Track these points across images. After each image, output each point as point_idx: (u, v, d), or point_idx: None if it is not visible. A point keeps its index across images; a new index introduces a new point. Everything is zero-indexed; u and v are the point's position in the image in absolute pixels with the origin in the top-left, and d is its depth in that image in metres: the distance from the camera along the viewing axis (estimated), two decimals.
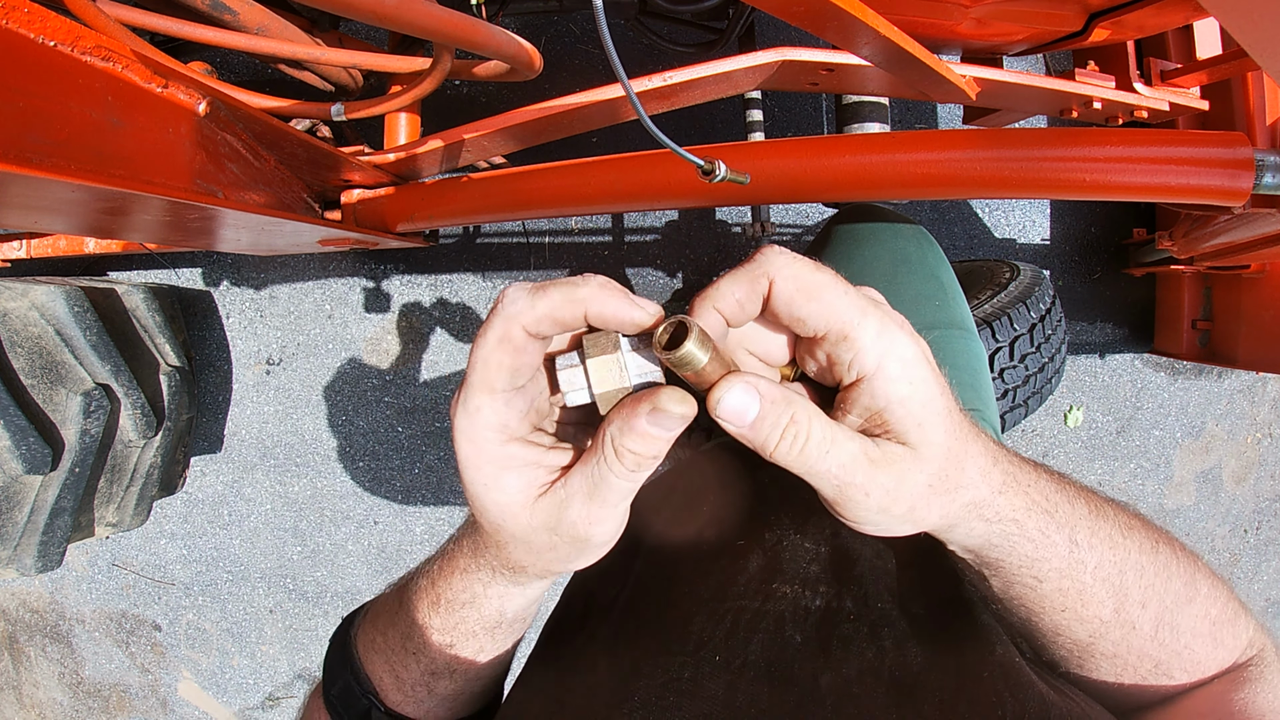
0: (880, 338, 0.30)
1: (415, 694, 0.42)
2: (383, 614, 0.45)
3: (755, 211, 1.40)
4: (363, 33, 1.47)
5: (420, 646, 0.41)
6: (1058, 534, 0.35)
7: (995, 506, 0.34)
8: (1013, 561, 0.36)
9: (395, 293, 1.80)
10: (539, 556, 0.34)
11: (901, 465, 0.31)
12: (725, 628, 0.40)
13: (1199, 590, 0.39)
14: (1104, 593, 0.36)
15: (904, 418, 0.30)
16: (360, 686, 0.43)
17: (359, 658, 0.44)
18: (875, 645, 0.37)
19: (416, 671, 0.42)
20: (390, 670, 0.42)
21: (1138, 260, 1.71)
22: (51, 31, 0.51)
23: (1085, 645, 0.39)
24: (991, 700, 0.33)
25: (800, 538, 0.47)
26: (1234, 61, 0.95)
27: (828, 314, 0.30)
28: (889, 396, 0.30)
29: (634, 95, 0.38)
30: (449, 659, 0.41)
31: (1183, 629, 0.39)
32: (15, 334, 1.32)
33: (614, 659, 0.40)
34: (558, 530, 0.32)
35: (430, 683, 0.42)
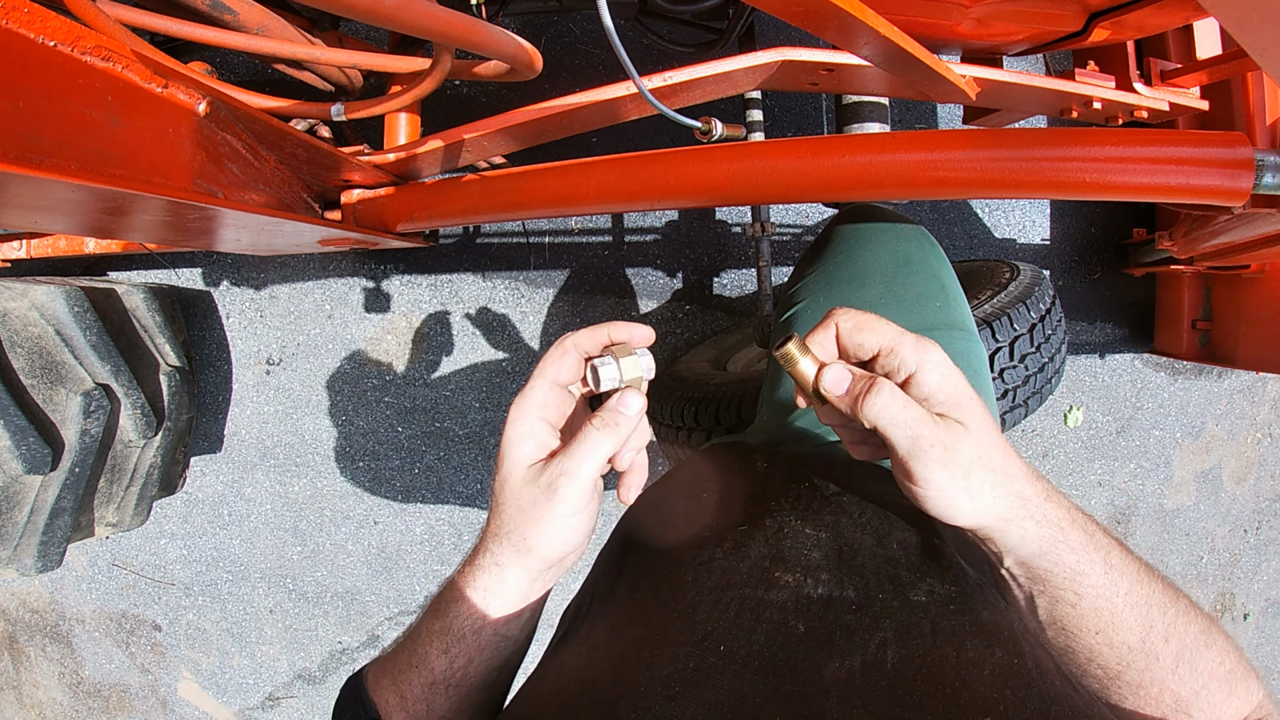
0: (917, 348, 0.41)
1: (416, 711, 0.45)
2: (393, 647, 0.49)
3: (755, 211, 1.40)
4: (363, 33, 1.47)
5: (421, 659, 0.45)
6: (1095, 553, 0.41)
7: (1043, 509, 0.41)
8: (1059, 573, 0.41)
9: (395, 293, 1.80)
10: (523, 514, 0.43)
11: (955, 431, 0.40)
12: (730, 618, 0.40)
13: (1215, 640, 0.43)
14: (1134, 619, 0.41)
15: (945, 400, 0.40)
16: (367, 715, 0.45)
17: (368, 686, 0.47)
18: (877, 636, 0.38)
19: (418, 685, 0.45)
20: (395, 690, 0.45)
21: (1138, 260, 1.71)
22: (51, 31, 0.51)
23: (1114, 672, 0.43)
24: (992, 696, 0.34)
25: (801, 524, 0.48)
26: (1234, 61, 0.95)
27: (877, 338, 0.42)
28: (929, 385, 0.41)
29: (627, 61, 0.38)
30: (444, 666, 0.44)
31: (1201, 669, 0.42)
32: (15, 334, 1.32)
33: (617, 649, 0.41)
34: (539, 481, 0.43)
35: (430, 698, 0.44)
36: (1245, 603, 2.12)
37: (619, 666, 0.38)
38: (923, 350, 0.41)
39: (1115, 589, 0.41)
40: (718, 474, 0.58)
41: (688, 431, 1.23)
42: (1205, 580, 2.07)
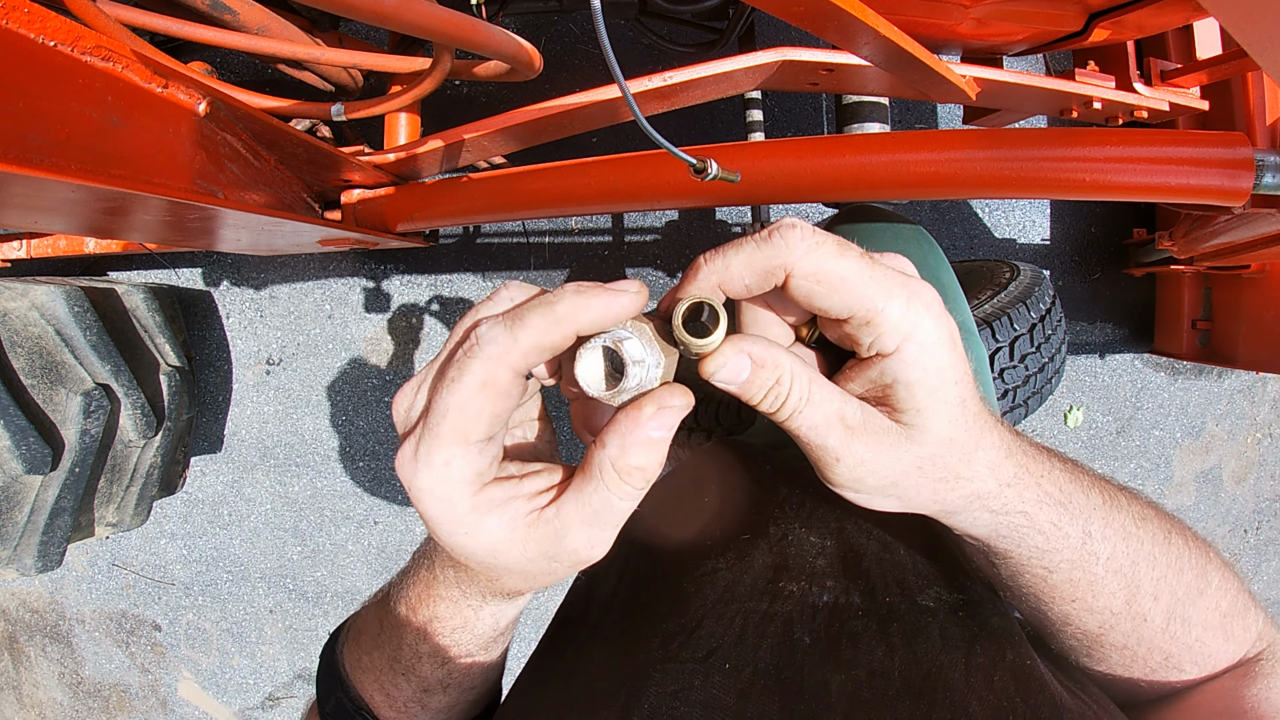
0: (904, 321, 0.29)
1: (409, 710, 0.42)
2: (365, 634, 0.43)
3: (755, 211, 1.40)
4: (363, 33, 1.47)
5: (409, 667, 0.40)
6: (1070, 526, 0.35)
7: (1002, 499, 0.34)
8: (1021, 553, 0.36)
9: (395, 293, 1.80)
10: (536, 580, 0.33)
11: (884, 440, 0.31)
12: (734, 633, 0.39)
13: (1210, 582, 0.39)
14: (1116, 585, 0.36)
15: (906, 399, 0.30)
16: (352, 704, 0.42)
17: (348, 677, 0.43)
18: (884, 642, 0.37)
19: (408, 690, 0.41)
20: (381, 689, 0.41)
21: (1138, 260, 1.71)
22: (51, 31, 0.51)
23: (1095, 636, 0.39)
24: (1003, 704, 0.33)
25: (806, 531, 0.46)
26: (1234, 61, 0.95)
27: (851, 303, 0.29)
28: (898, 376, 0.30)
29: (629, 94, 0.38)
30: (441, 677, 0.40)
31: (1194, 621, 0.38)
32: (15, 334, 1.32)
33: (620, 663, 0.40)
34: (556, 558, 0.31)
35: (423, 699, 0.41)
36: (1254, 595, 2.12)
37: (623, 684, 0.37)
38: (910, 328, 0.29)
39: (1093, 558, 0.36)
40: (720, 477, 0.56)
41: (687, 432, 1.23)
42: None
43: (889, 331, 0.29)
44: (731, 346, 0.30)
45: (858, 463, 0.31)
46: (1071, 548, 0.35)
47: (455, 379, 0.27)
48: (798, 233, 0.29)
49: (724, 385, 0.31)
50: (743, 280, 0.30)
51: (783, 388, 0.30)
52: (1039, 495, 0.35)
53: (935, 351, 0.30)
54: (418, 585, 0.39)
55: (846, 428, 0.31)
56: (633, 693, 0.36)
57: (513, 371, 0.27)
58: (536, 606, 1.75)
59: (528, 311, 0.27)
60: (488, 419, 0.28)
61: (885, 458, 0.31)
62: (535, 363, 0.28)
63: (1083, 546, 0.35)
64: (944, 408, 0.31)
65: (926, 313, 0.29)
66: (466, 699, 0.44)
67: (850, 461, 0.31)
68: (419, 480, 0.28)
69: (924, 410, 0.30)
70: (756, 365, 0.30)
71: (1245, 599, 0.41)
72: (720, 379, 0.30)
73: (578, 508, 0.29)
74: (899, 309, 0.29)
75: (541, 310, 0.27)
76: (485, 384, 0.27)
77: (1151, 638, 0.38)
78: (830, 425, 0.31)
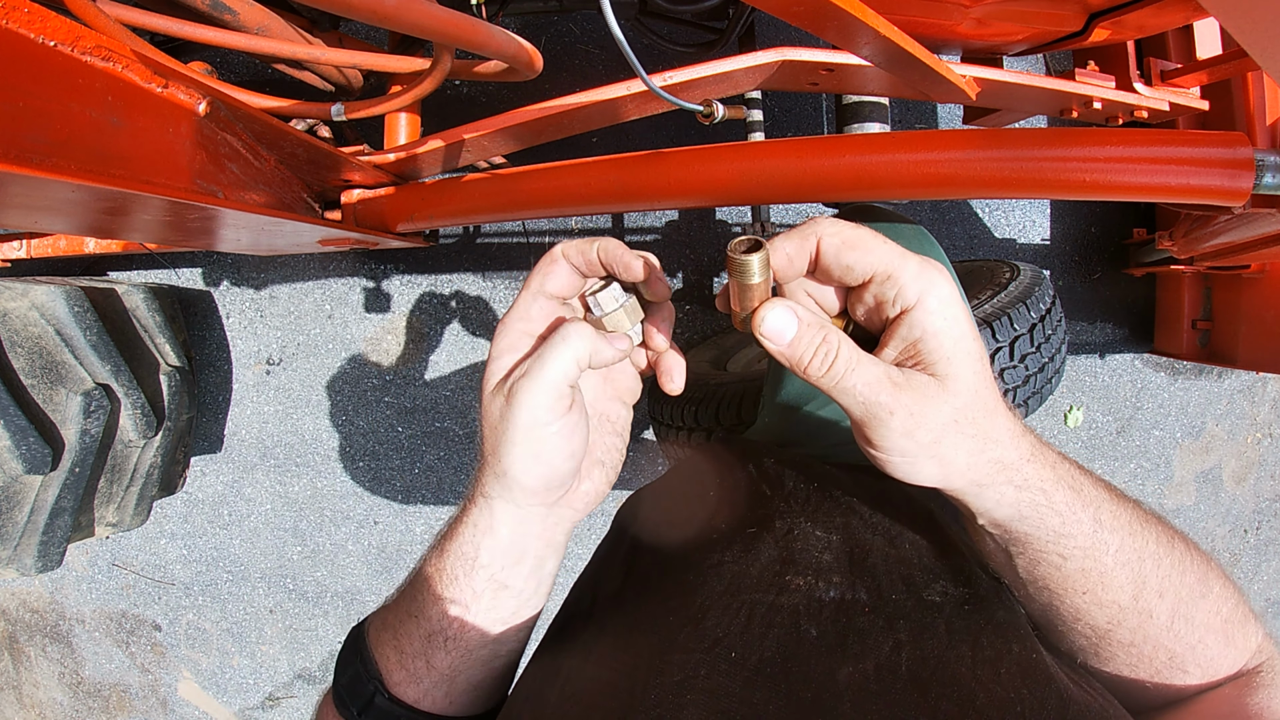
0: (920, 276, 0.33)
1: (415, 669, 0.43)
2: (394, 596, 0.47)
3: (755, 211, 1.40)
4: (363, 33, 1.47)
5: (420, 607, 0.42)
6: (1083, 511, 0.37)
7: (1024, 473, 0.36)
8: (1040, 536, 0.37)
9: (395, 293, 1.80)
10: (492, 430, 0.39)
11: (926, 392, 0.34)
12: (740, 623, 0.39)
13: (1211, 588, 0.40)
14: (1124, 577, 0.38)
15: (935, 349, 0.34)
16: (367, 672, 0.44)
17: (369, 642, 0.45)
18: (891, 638, 0.37)
19: (417, 638, 0.42)
20: (395, 644, 0.43)
21: (1138, 260, 1.71)
22: (51, 31, 0.51)
23: (1103, 632, 0.40)
24: (1009, 696, 0.33)
25: (812, 526, 0.46)
26: (1234, 61, 0.95)
27: (872, 259, 0.34)
28: (925, 327, 0.33)
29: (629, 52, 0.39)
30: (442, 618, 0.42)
31: (1197, 622, 0.40)
32: (15, 334, 1.32)
33: (626, 654, 0.40)
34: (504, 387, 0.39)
35: (428, 652, 0.42)
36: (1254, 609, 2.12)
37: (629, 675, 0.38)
38: (927, 282, 0.33)
39: (1104, 547, 0.37)
40: (724, 472, 0.56)
41: (688, 432, 1.23)
42: None
43: (909, 283, 0.33)
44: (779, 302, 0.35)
45: (908, 414, 0.34)
46: (1084, 534, 0.37)
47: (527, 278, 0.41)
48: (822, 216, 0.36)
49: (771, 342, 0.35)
50: (784, 250, 0.35)
51: (830, 346, 0.34)
52: (1054, 476, 0.37)
53: (952, 303, 0.33)
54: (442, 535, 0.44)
55: (893, 383, 0.34)
56: (639, 682, 0.36)
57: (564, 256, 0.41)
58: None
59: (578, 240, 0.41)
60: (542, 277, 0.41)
61: (929, 409, 0.34)
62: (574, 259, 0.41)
63: (1094, 534, 0.37)
64: (968, 358, 0.34)
65: (939, 272, 0.34)
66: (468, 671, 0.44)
67: (901, 414, 0.34)
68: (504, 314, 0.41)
69: (952, 359, 0.34)
70: (803, 324, 0.35)
71: (1245, 610, 0.42)
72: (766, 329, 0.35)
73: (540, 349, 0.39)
74: (914, 266, 0.33)
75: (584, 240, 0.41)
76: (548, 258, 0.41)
77: (1157, 635, 0.39)
78: (881, 381, 0.34)
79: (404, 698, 0.43)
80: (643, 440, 1.84)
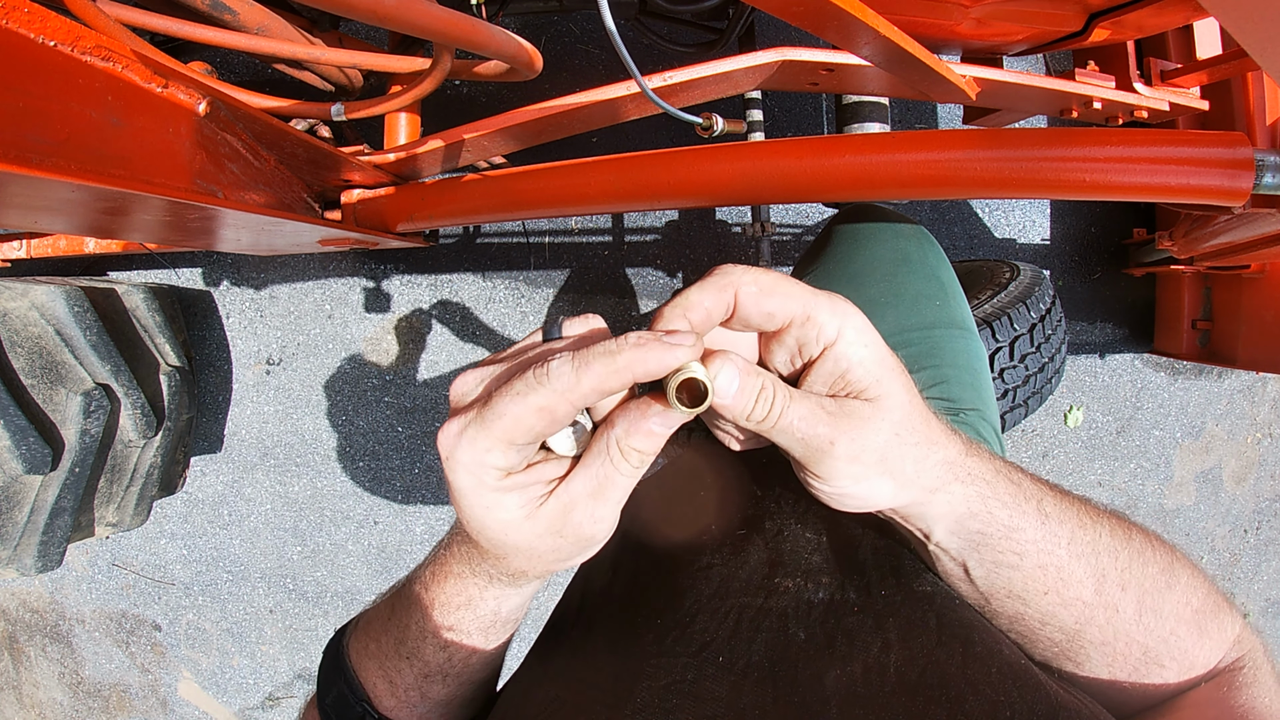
0: (835, 313, 0.34)
1: (409, 698, 0.43)
2: (375, 622, 0.45)
3: (755, 211, 1.40)
4: (363, 33, 1.47)
5: (413, 651, 0.41)
6: (1026, 503, 0.37)
7: (966, 466, 0.37)
8: (993, 532, 0.37)
9: (395, 293, 1.80)
10: (541, 560, 0.35)
11: (862, 415, 0.34)
12: (728, 628, 0.39)
13: (1178, 578, 0.40)
14: (1082, 571, 0.38)
15: (864, 375, 0.34)
16: (354, 694, 0.43)
17: (352, 666, 0.44)
18: (880, 638, 0.37)
19: (410, 676, 0.42)
20: (384, 676, 0.43)
21: (1138, 260, 1.71)
22: (51, 31, 0.51)
23: (1073, 632, 0.39)
24: (999, 699, 0.33)
25: (801, 527, 0.46)
26: (1234, 61, 0.95)
27: (791, 304, 0.34)
28: (849, 358, 0.34)
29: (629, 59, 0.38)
30: (442, 662, 0.41)
31: (1166, 614, 0.39)
32: (15, 334, 1.32)
33: (614, 657, 0.40)
34: (563, 533, 0.34)
35: (424, 687, 0.42)
36: (1245, 603, 2.12)
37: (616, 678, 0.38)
38: (842, 317, 0.34)
39: (1056, 540, 0.37)
40: (716, 474, 0.56)
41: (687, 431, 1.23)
42: None
43: (827, 321, 0.34)
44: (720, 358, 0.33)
45: (849, 440, 0.34)
46: (1032, 526, 0.37)
47: (520, 393, 0.30)
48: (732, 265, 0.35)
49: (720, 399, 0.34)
50: (702, 305, 0.34)
51: (768, 392, 0.34)
52: (993, 468, 0.38)
53: (867, 330, 0.35)
54: (432, 566, 0.42)
55: (829, 413, 0.34)
56: (626, 686, 0.36)
57: (570, 406, 0.30)
58: (535, 606, 1.75)
59: (594, 359, 0.30)
60: (534, 434, 0.31)
61: (869, 430, 0.34)
62: (591, 402, 0.31)
63: (1042, 526, 0.37)
64: (894, 374, 0.35)
65: (850, 306, 0.35)
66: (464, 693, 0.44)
67: (843, 441, 0.34)
68: (459, 454, 0.32)
69: (881, 380, 0.35)
70: (744, 374, 0.34)
71: (1218, 600, 0.42)
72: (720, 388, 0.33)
73: (584, 481, 0.33)
74: (827, 304, 0.34)
75: (604, 360, 0.30)
76: (542, 409, 0.30)
77: (1127, 630, 0.39)
78: (816, 414, 0.34)
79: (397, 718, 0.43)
80: None
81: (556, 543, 0.34)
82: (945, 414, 0.73)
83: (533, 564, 0.36)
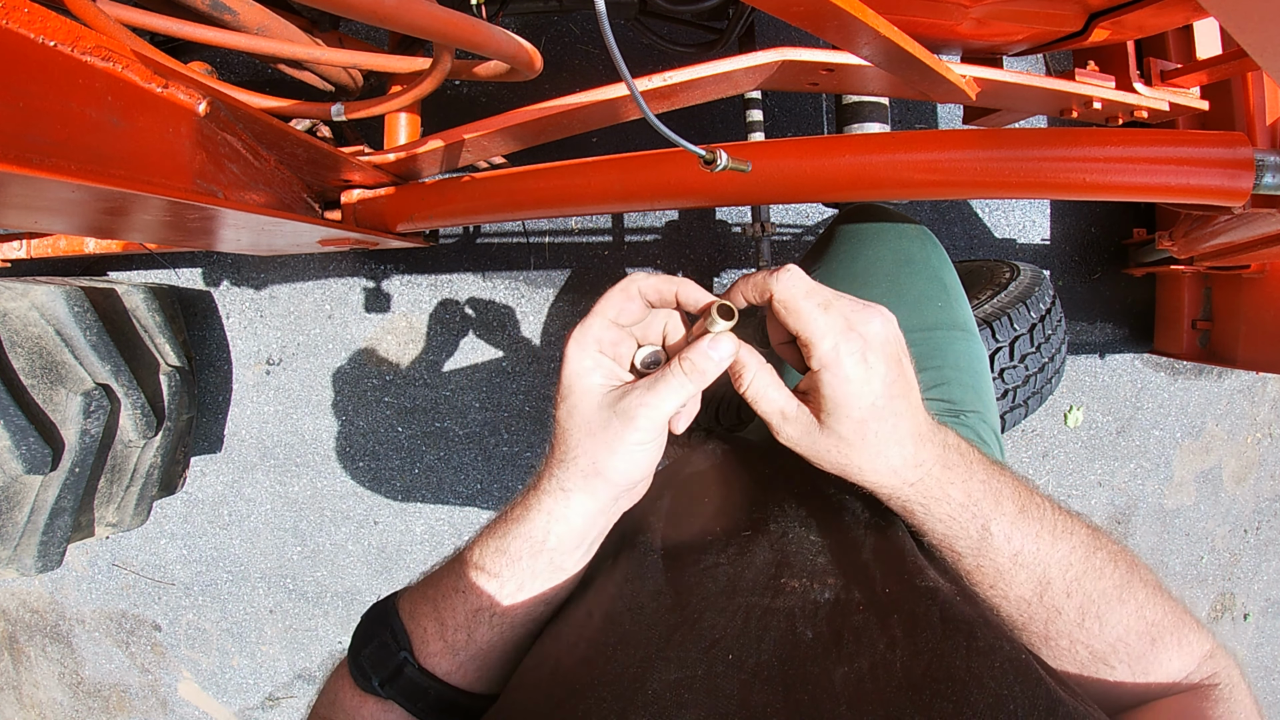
0: (827, 355, 0.42)
1: (455, 640, 0.44)
2: (433, 572, 0.49)
3: (755, 211, 1.40)
4: (363, 33, 1.47)
5: (468, 585, 0.45)
6: (970, 524, 0.44)
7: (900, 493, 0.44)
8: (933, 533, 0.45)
9: (395, 293, 1.80)
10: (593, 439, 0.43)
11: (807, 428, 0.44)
12: (737, 626, 0.40)
13: (1133, 594, 0.44)
14: (1024, 577, 0.44)
15: (822, 404, 0.43)
16: (397, 642, 0.45)
17: (402, 615, 0.47)
18: (886, 636, 0.37)
19: (461, 613, 0.45)
20: (436, 616, 0.45)
21: (1138, 260, 1.71)
22: (51, 31, 0.51)
23: (1019, 625, 0.45)
24: (1003, 693, 0.34)
25: (805, 530, 0.47)
26: (1234, 61, 0.95)
27: (799, 326, 0.43)
28: (818, 389, 0.43)
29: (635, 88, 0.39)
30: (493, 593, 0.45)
31: (1111, 623, 0.43)
32: (15, 334, 1.32)
33: (623, 650, 0.40)
34: (616, 407, 0.43)
35: (472, 626, 0.44)
36: (1245, 603, 2.12)
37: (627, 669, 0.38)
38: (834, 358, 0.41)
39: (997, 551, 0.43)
40: (720, 475, 0.57)
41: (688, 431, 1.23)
42: (1205, 580, 2.07)
43: (815, 358, 0.42)
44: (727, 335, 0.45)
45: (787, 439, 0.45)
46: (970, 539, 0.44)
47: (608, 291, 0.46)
48: (787, 272, 0.44)
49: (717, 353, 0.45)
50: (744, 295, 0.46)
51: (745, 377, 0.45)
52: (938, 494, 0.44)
53: (845, 382, 0.42)
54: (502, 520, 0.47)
55: (784, 417, 0.45)
56: (636, 679, 0.37)
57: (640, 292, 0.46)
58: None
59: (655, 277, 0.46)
60: (618, 307, 0.45)
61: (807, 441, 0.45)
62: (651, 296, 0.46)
63: (981, 540, 0.43)
64: (846, 421, 0.42)
65: (849, 356, 0.41)
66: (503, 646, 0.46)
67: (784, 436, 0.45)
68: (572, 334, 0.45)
69: (832, 415, 0.43)
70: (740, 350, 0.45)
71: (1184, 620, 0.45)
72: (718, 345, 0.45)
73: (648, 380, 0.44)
74: (827, 346, 0.42)
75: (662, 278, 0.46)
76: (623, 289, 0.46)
77: (1069, 631, 0.44)
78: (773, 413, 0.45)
79: (435, 670, 0.44)
80: None
81: (609, 417, 0.43)
82: (946, 416, 0.73)
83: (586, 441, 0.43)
